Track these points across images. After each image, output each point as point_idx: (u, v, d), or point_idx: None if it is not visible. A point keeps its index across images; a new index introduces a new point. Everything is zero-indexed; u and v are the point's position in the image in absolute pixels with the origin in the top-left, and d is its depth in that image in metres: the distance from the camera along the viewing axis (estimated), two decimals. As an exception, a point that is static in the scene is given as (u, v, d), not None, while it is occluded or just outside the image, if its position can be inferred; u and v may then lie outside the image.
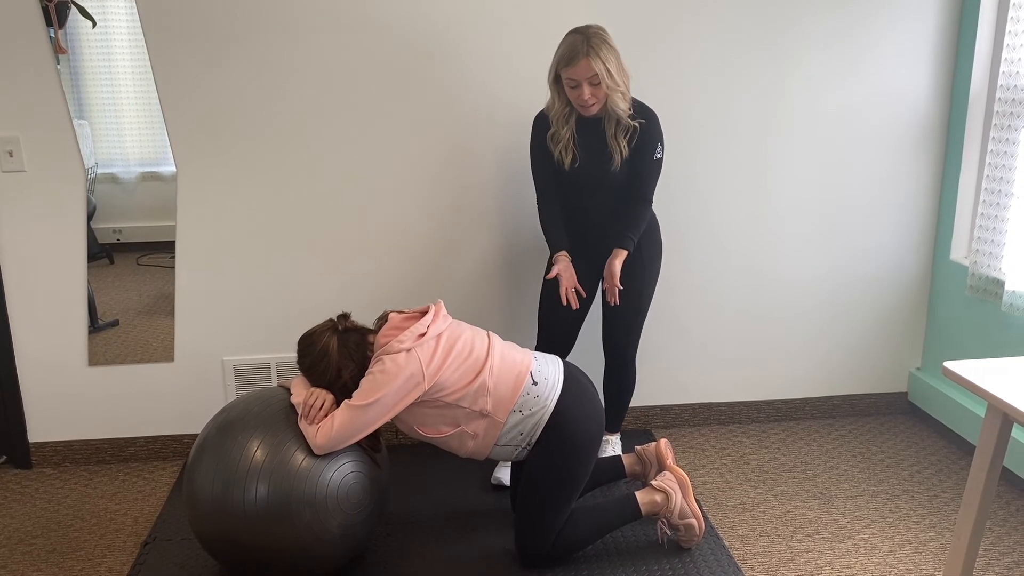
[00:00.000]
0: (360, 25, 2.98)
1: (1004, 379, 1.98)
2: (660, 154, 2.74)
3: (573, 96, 2.64)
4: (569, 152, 2.74)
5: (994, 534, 2.73)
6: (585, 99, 2.61)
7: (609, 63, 2.57)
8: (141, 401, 3.22)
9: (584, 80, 2.58)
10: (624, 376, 3.02)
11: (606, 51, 2.58)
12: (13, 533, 2.80)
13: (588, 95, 2.60)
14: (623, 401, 3.07)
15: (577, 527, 2.53)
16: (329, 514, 2.31)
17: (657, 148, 2.73)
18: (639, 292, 2.88)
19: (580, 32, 2.61)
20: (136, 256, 3.17)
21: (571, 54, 2.58)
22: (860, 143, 3.31)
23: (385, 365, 2.32)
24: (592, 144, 2.74)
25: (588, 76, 2.57)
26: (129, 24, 2.91)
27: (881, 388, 3.59)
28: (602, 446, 3.04)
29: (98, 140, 3.02)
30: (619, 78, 2.61)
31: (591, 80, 2.58)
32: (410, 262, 3.22)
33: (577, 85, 2.60)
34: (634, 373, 3.04)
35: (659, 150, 2.73)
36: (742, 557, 2.63)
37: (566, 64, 2.59)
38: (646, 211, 2.79)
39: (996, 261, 3.01)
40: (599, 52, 2.56)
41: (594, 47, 2.56)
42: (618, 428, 3.13)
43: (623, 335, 2.93)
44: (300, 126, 3.05)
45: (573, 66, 2.57)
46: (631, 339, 2.95)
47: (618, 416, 3.09)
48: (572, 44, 2.59)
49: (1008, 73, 2.95)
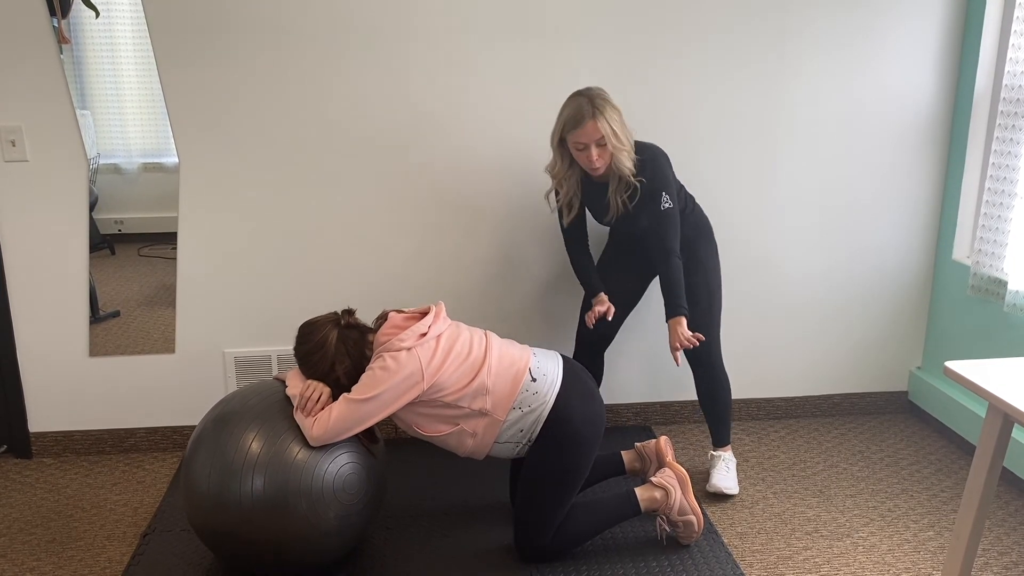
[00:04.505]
0: (366, 18, 2.98)
1: (1005, 379, 1.98)
2: (668, 203, 2.69)
3: (581, 158, 2.66)
4: (573, 209, 2.80)
5: (993, 534, 2.73)
6: (593, 161, 2.62)
7: (614, 123, 2.59)
8: (142, 392, 3.22)
9: (592, 142, 2.60)
10: (714, 380, 2.93)
11: (610, 111, 2.59)
12: (13, 523, 2.81)
13: (596, 156, 2.62)
14: (719, 408, 2.97)
15: (576, 522, 2.53)
16: (326, 505, 2.31)
17: (663, 199, 2.68)
18: (708, 294, 2.87)
19: (583, 95, 2.62)
20: (137, 247, 3.17)
21: (577, 117, 2.59)
22: (864, 142, 3.31)
23: (386, 362, 2.32)
24: (594, 197, 2.80)
25: (595, 138, 2.59)
26: (132, 14, 2.91)
27: (881, 387, 3.59)
28: (714, 461, 2.98)
29: (100, 130, 3.02)
30: (623, 137, 2.62)
31: (598, 142, 2.59)
32: (412, 256, 3.21)
33: (584, 148, 2.61)
34: (725, 376, 2.95)
35: (665, 200, 2.68)
36: (741, 554, 2.63)
37: (572, 127, 2.60)
38: (675, 265, 2.69)
39: (998, 261, 3.01)
40: (603, 113, 2.57)
41: (599, 108, 2.57)
42: (727, 440, 3.00)
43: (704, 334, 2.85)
44: (303, 118, 3.04)
45: (580, 129, 2.59)
46: (711, 339, 2.89)
47: (721, 425, 2.98)
48: (577, 107, 2.60)
49: (1012, 73, 2.94)
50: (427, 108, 3.08)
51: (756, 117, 3.23)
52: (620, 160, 2.63)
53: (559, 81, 3.09)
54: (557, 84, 3.09)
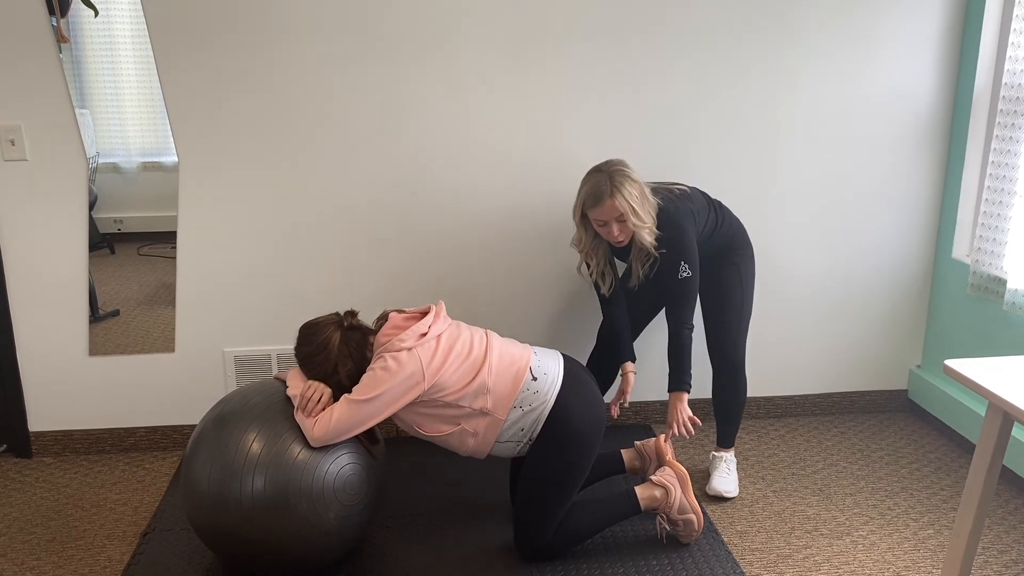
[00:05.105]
0: (366, 18, 2.98)
1: (1005, 378, 1.98)
2: (685, 273, 2.67)
3: (603, 233, 2.66)
4: (607, 278, 2.80)
5: (992, 532, 2.73)
6: (615, 236, 2.62)
7: (633, 200, 2.56)
8: (141, 391, 3.22)
9: (612, 219, 2.59)
10: (735, 382, 2.93)
11: (629, 187, 2.57)
12: (13, 522, 2.81)
13: (617, 232, 2.61)
14: (733, 410, 2.97)
15: (576, 521, 2.53)
16: (326, 506, 2.31)
17: (681, 267, 2.67)
18: (741, 299, 2.87)
19: (602, 171, 2.61)
20: (137, 246, 3.17)
21: (596, 195, 2.58)
22: (863, 141, 3.31)
23: (387, 362, 2.32)
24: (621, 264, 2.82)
25: (615, 215, 2.58)
26: (131, 13, 2.90)
27: (881, 385, 3.60)
28: (715, 463, 2.99)
29: (100, 129, 3.02)
30: (644, 214, 2.59)
31: (618, 218, 2.59)
32: (412, 256, 3.21)
33: (605, 223, 2.61)
34: (745, 380, 2.95)
35: (683, 269, 2.67)
36: (740, 553, 2.64)
37: (592, 205, 2.60)
38: (685, 337, 2.69)
39: (998, 260, 3.01)
40: (622, 191, 2.55)
41: (617, 186, 2.55)
42: (731, 442, 3.01)
43: (730, 336, 2.88)
44: (303, 117, 3.04)
45: (599, 207, 2.58)
46: (739, 339, 2.89)
47: (730, 427, 3.00)
48: (596, 185, 2.58)
49: (1012, 72, 2.94)
50: (427, 107, 3.08)
51: (756, 116, 3.22)
52: (641, 236, 2.61)
53: (560, 81, 3.10)
54: (558, 84, 3.10)
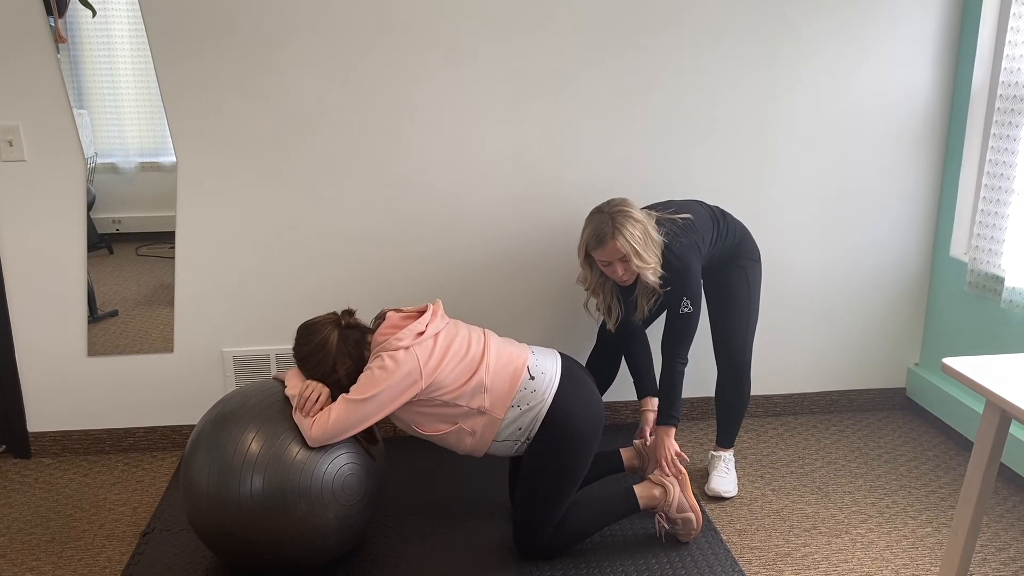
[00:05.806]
0: (365, 17, 2.98)
1: (1003, 376, 1.98)
2: (687, 308, 2.68)
3: (608, 273, 2.66)
4: (614, 312, 2.80)
5: (991, 530, 2.74)
6: (620, 276, 2.63)
7: (635, 241, 2.55)
8: (140, 392, 3.22)
9: (615, 260, 2.59)
10: (740, 385, 2.93)
11: (631, 227, 2.55)
12: (12, 523, 2.81)
13: (621, 272, 2.62)
14: (735, 411, 2.98)
15: (575, 520, 2.53)
16: (325, 506, 2.31)
17: (683, 303, 2.67)
18: (748, 302, 2.87)
19: (604, 211, 2.60)
20: (135, 246, 3.17)
21: (598, 237, 2.58)
22: (861, 139, 3.31)
23: (384, 361, 2.32)
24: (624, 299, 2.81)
25: (618, 256, 2.58)
26: (129, 13, 2.90)
27: (879, 384, 3.60)
28: (714, 462, 3.00)
29: (98, 130, 3.01)
30: (647, 254, 2.58)
31: (621, 259, 2.59)
32: (411, 256, 3.21)
33: (609, 264, 2.62)
34: (750, 382, 2.95)
35: (685, 304, 2.67)
36: (739, 551, 2.64)
37: (595, 247, 2.61)
38: (677, 371, 2.70)
39: (996, 258, 3.01)
40: (623, 232, 2.54)
41: (619, 227, 2.55)
42: (731, 442, 3.02)
43: (739, 340, 2.88)
44: (301, 117, 3.04)
45: (601, 249, 2.59)
46: (747, 342, 2.89)
47: (731, 427, 3.00)
48: (598, 227, 2.58)
49: (1009, 70, 2.94)
50: (427, 107, 3.08)
51: (754, 114, 3.22)
52: (645, 276, 2.61)
53: (560, 81, 3.10)
54: (558, 84, 3.10)
